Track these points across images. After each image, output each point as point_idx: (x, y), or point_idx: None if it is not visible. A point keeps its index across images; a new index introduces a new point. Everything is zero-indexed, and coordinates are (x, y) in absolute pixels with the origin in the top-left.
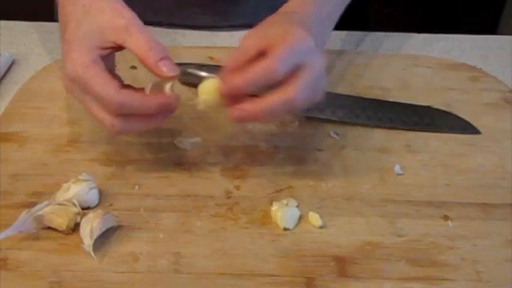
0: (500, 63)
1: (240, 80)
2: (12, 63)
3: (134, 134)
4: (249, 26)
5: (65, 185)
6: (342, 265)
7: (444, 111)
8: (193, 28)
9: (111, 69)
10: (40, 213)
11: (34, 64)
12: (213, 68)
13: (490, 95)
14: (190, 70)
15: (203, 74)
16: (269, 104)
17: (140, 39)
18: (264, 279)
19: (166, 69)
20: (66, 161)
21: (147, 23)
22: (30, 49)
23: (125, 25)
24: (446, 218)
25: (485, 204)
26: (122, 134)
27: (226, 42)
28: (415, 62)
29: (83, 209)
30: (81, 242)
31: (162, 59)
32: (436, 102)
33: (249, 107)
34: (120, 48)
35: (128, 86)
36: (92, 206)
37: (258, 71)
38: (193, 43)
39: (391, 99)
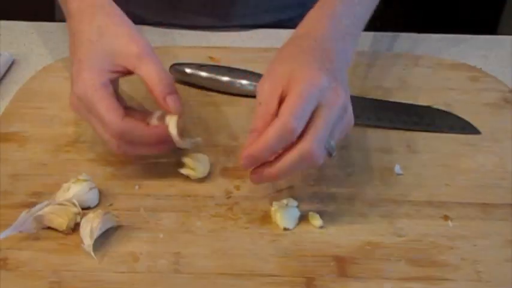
0: (500, 63)
1: (258, 150)
2: (12, 63)
3: (140, 156)
4: (247, 26)
5: (65, 185)
6: (342, 265)
7: (444, 111)
8: (192, 28)
9: (116, 90)
10: (40, 213)
11: (34, 64)
12: (213, 68)
13: (490, 95)
14: (189, 70)
15: (203, 74)
16: (285, 163)
17: (152, 69)
18: (264, 279)
19: (173, 104)
20: (66, 161)
21: (147, 23)
22: (30, 49)
23: (138, 53)
24: (446, 218)
25: (485, 204)
26: (128, 155)
27: (226, 42)
28: (415, 62)
29: (83, 209)
30: (81, 242)
31: (170, 93)
32: (436, 102)
33: (267, 171)
34: (129, 73)
35: (132, 111)
36: (92, 206)
37: (274, 135)
38: (193, 43)
39: (391, 99)
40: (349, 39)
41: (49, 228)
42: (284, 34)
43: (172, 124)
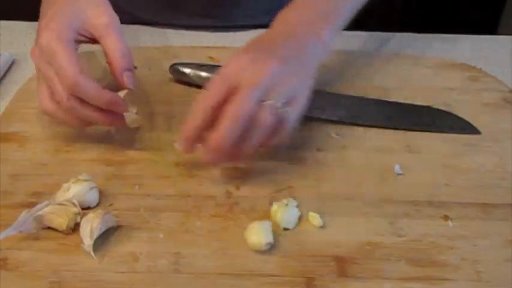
0: (500, 63)
1: (216, 142)
2: (12, 63)
3: (79, 124)
4: (248, 27)
5: (65, 185)
6: (342, 265)
7: (444, 111)
8: (193, 29)
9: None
10: (40, 213)
11: (34, 64)
12: (212, 68)
13: (489, 95)
14: (189, 70)
15: (203, 74)
16: (221, 128)
17: (116, 42)
18: (264, 279)
19: (128, 80)
20: (66, 161)
21: (146, 23)
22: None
23: (107, 24)
24: (446, 218)
25: (485, 204)
26: (68, 114)
27: (225, 42)
28: (415, 62)
29: (83, 209)
30: (81, 242)
31: (127, 69)
32: (436, 102)
33: (211, 143)
34: (93, 41)
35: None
36: (92, 206)
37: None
38: (192, 43)
39: (391, 99)
40: (333, 17)
41: (49, 228)
42: None
43: (125, 95)
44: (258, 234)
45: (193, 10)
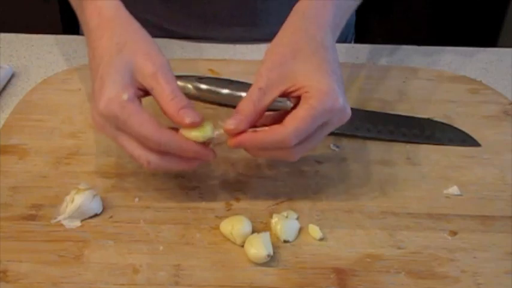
0: (500, 75)
1: (249, 142)
2: (12, 76)
3: (170, 172)
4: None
5: (68, 197)
6: (342, 277)
7: (444, 123)
8: (222, 41)
9: None
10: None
11: (34, 77)
12: (213, 81)
13: (489, 107)
14: (189, 83)
15: (203, 86)
16: (258, 139)
17: (165, 89)
18: None
19: (187, 117)
20: (66, 173)
21: (165, 35)
22: (30, 62)
23: (153, 72)
24: (452, 233)
25: (485, 216)
26: (157, 170)
27: (226, 55)
28: (415, 75)
29: (90, 217)
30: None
31: (183, 107)
32: (436, 114)
33: (243, 137)
34: (147, 94)
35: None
36: (98, 212)
37: (269, 140)
38: (193, 55)
39: (391, 112)
40: (336, 33)
41: (49, 241)
42: None
43: (208, 130)
44: (258, 246)
45: (221, 20)
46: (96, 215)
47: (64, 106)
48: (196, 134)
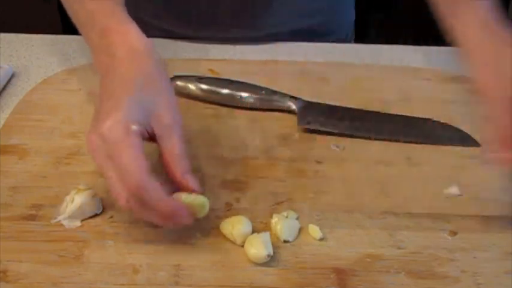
0: None
1: None
2: (12, 76)
3: (140, 219)
4: (279, 34)
5: (68, 198)
6: (342, 277)
7: (444, 123)
8: (225, 41)
9: None
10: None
11: (34, 76)
12: (213, 80)
13: None
14: (190, 83)
15: (203, 86)
16: None
17: (177, 147)
18: None
19: (191, 183)
20: (66, 173)
21: (165, 35)
22: (30, 61)
23: (170, 125)
24: (452, 233)
25: (485, 216)
26: (131, 212)
27: (226, 55)
28: (415, 75)
29: (90, 217)
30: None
31: (188, 172)
32: (436, 114)
33: None
34: (151, 139)
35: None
36: (98, 212)
37: None
38: (193, 55)
39: (391, 112)
40: None
41: (49, 241)
42: (280, 48)
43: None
44: (258, 246)
45: (221, 22)
46: (96, 215)
47: (64, 106)
48: (197, 203)
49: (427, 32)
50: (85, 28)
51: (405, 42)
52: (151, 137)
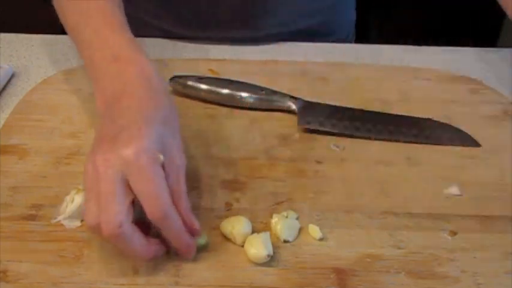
0: (501, 75)
1: None
2: (12, 76)
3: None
4: (279, 34)
5: (68, 197)
6: (342, 277)
7: (444, 123)
8: (221, 41)
9: None
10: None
11: (34, 77)
12: (213, 80)
13: (490, 107)
14: (189, 82)
15: (203, 86)
16: None
17: (183, 186)
18: None
19: (194, 221)
20: (67, 173)
21: (165, 35)
22: (30, 61)
23: (180, 166)
24: (452, 233)
25: (485, 216)
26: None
27: (226, 55)
28: (415, 75)
29: None
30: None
31: (190, 211)
32: (436, 114)
33: None
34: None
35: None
36: None
37: None
38: (193, 55)
39: (391, 112)
40: None
41: (49, 241)
42: (280, 48)
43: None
44: (258, 246)
45: (221, 22)
46: None
47: (64, 106)
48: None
49: (427, 32)
50: (87, 48)
51: (405, 42)
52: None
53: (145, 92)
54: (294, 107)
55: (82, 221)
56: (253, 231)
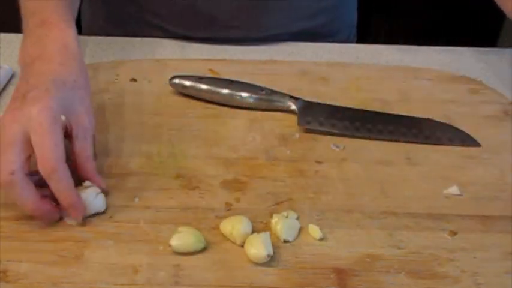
0: (501, 75)
1: None
2: (12, 76)
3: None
4: (280, 34)
5: None
6: (342, 277)
7: (444, 123)
8: (225, 42)
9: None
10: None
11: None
12: (213, 80)
13: (490, 107)
14: (189, 82)
15: (203, 86)
16: None
17: (89, 148)
18: None
19: (99, 179)
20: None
21: (165, 35)
22: None
23: (87, 128)
24: (452, 233)
25: (485, 216)
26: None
27: (226, 55)
28: (415, 75)
29: (93, 214)
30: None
31: (95, 170)
32: (436, 114)
33: None
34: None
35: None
36: (101, 210)
37: None
38: (193, 55)
39: (391, 112)
40: None
41: (49, 241)
42: (280, 48)
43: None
44: (258, 246)
45: (221, 22)
46: (96, 214)
47: None
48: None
49: (427, 32)
50: (26, 15)
51: (405, 42)
52: (65, 134)
53: (59, 57)
54: (294, 107)
55: (83, 219)
56: (253, 231)
